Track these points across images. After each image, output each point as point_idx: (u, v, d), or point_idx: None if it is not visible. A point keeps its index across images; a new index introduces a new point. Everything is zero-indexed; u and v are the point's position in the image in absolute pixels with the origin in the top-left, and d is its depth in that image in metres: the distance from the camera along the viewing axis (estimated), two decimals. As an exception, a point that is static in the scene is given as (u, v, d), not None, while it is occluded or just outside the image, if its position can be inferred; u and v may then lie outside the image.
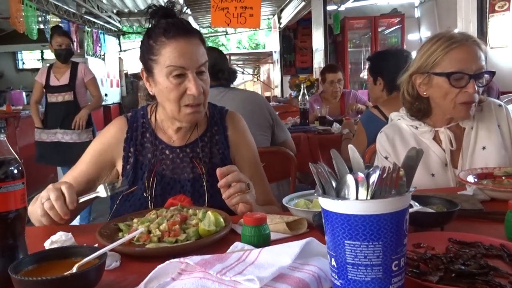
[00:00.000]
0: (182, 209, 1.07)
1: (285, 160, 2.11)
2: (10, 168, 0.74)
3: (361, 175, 0.59)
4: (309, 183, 2.90)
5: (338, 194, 0.60)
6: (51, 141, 3.81)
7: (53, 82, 3.84)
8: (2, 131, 0.75)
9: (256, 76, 14.92)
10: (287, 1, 8.42)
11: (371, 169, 0.60)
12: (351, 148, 0.65)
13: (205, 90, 1.21)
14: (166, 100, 1.21)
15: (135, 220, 1.01)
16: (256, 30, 11.44)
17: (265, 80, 13.40)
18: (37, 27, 5.50)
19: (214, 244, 0.91)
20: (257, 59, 14.54)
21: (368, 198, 0.58)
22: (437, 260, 0.75)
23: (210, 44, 20.48)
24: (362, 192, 0.58)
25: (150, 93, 1.26)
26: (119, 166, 1.30)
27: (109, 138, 1.31)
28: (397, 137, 1.48)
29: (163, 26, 1.18)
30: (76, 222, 3.44)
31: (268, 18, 10.90)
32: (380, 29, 7.69)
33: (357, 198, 0.58)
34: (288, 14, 8.81)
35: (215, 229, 0.95)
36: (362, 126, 2.30)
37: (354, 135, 2.66)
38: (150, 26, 1.23)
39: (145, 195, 1.23)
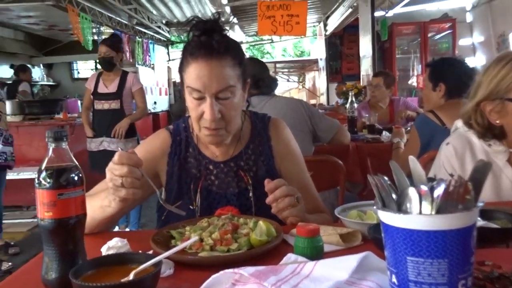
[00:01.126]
0: (233, 218, 1.07)
1: (333, 169, 2.07)
2: (71, 175, 0.77)
3: (424, 188, 0.56)
4: (358, 193, 2.85)
5: (400, 207, 0.57)
6: (98, 150, 3.88)
7: (102, 89, 3.88)
8: (65, 139, 0.78)
9: (301, 84, 14.87)
10: (333, 8, 8.35)
11: (435, 182, 0.57)
12: (411, 159, 0.63)
13: (225, 115, 1.15)
14: (191, 116, 1.21)
15: (187, 228, 1.02)
16: (301, 37, 11.41)
17: (311, 88, 13.33)
18: (92, 38, 5.76)
19: (266, 254, 0.90)
20: (302, 66, 14.50)
21: (433, 212, 0.55)
22: (505, 280, 0.70)
23: (255, 52, 20.74)
24: (426, 207, 0.55)
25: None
26: (163, 179, 1.29)
27: (154, 149, 1.30)
28: (468, 153, 1.33)
29: (192, 44, 1.15)
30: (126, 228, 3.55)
31: (314, 26, 10.85)
32: (430, 35, 7.46)
33: (420, 213, 0.55)
34: (334, 21, 8.73)
35: (266, 239, 0.94)
36: (415, 130, 2.25)
37: (405, 143, 2.59)
38: (187, 39, 1.20)
39: (191, 207, 1.23)
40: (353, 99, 3.41)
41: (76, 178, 0.77)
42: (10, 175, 4.43)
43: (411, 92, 7.46)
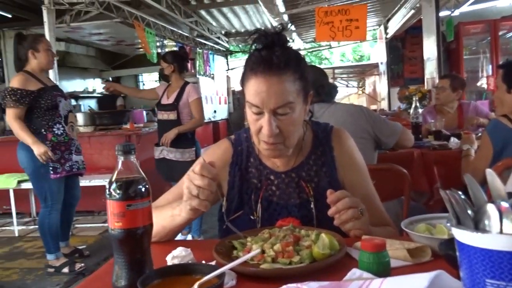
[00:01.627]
0: (294, 229, 1.06)
1: (397, 178, 1.99)
2: (139, 187, 0.80)
3: (505, 204, 0.52)
4: (423, 203, 2.72)
5: (477, 225, 0.53)
6: (159, 158, 4.02)
7: (164, 100, 4.02)
8: (133, 152, 0.81)
9: (361, 89, 14.56)
10: (394, 10, 8.11)
11: (516, 198, 0.53)
12: (489, 172, 0.58)
13: (283, 130, 1.13)
14: (251, 129, 1.20)
15: (248, 239, 1.03)
16: (361, 42, 11.18)
17: (371, 93, 13.00)
18: (156, 51, 6.01)
19: (329, 268, 0.88)
20: (362, 71, 14.19)
21: (516, 232, 0.50)
22: None
23: (312, 58, 20.62)
24: (508, 225, 0.51)
25: None
26: (224, 189, 1.30)
27: (216, 160, 1.28)
28: None
29: (253, 58, 1.14)
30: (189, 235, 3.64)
31: (374, 29, 10.60)
32: (500, 33, 7.02)
33: (501, 232, 0.51)
34: (395, 24, 8.47)
35: (329, 253, 0.91)
36: (487, 136, 2.11)
37: (476, 150, 2.43)
38: (249, 52, 1.19)
39: (252, 218, 1.23)
40: (417, 104, 3.27)
41: (143, 189, 0.80)
42: (83, 182, 4.70)
43: (480, 94, 7.04)
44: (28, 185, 4.75)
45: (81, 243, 4.27)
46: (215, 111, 8.68)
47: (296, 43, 9.77)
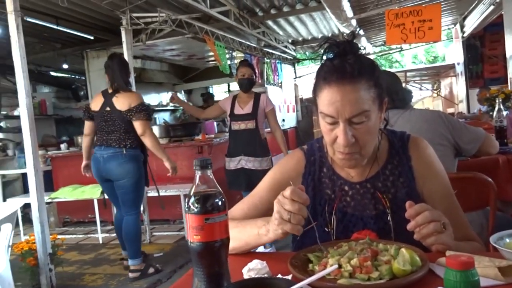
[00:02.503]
0: (372, 243, 1.02)
1: (481, 187, 1.86)
2: (216, 201, 0.82)
3: None
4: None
5: None
6: (235, 168, 4.10)
7: (238, 110, 4.09)
8: (209, 167, 0.83)
9: (436, 92, 13.86)
10: (471, 7, 7.66)
11: None
12: None
13: (359, 139, 1.11)
14: (325, 140, 1.18)
15: (329, 251, 1.01)
16: (434, 42, 10.70)
17: (447, 95, 12.33)
18: (228, 63, 6.19)
19: (411, 286, 0.84)
20: (436, 73, 13.52)
21: None
22: None
23: (382, 62, 20.01)
24: None
25: None
26: None
27: (289, 169, 1.31)
28: None
29: (325, 68, 1.13)
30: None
31: (449, 28, 10.07)
32: None
33: None
34: (473, 21, 7.99)
35: (411, 269, 0.87)
36: None
37: None
38: (321, 62, 1.17)
39: (326, 230, 1.20)
40: (501, 105, 3.05)
41: (220, 203, 0.82)
42: (160, 192, 4.93)
43: None
44: (110, 195, 5.07)
45: (158, 251, 4.46)
46: (283, 120, 8.71)
47: (365, 47, 9.55)
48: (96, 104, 3.64)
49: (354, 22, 6.64)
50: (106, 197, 4.14)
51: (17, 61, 3.29)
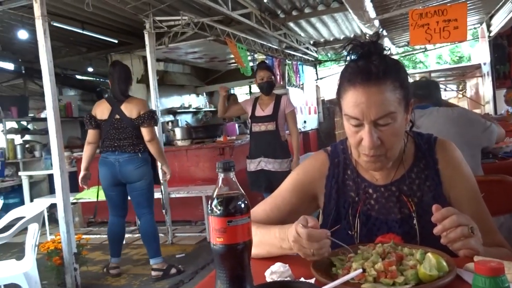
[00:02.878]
0: (397, 247, 1.01)
1: (509, 190, 1.81)
2: (239, 203, 0.81)
3: None
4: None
5: None
6: (256, 170, 4.12)
7: (258, 112, 4.12)
8: (232, 169, 0.83)
9: (461, 92, 13.57)
10: (498, 6, 7.47)
11: None
12: None
13: (384, 141, 1.09)
14: (350, 142, 1.16)
15: (350, 255, 1.00)
16: (460, 42, 10.47)
17: (473, 96, 12.05)
18: (250, 65, 6.21)
19: (438, 292, 0.82)
20: (462, 73, 13.22)
21: None
22: None
23: (406, 62, 19.70)
24: None
25: None
26: (321, 202, 1.28)
27: (312, 171, 1.29)
28: None
29: (349, 69, 1.11)
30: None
31: (475, 28, 9.84)
32: None
33: None
34: (500, 20, 7.78)
35: (437, 274, 0.85)
36: None
37: None
38: (345, 63, 1.16)
39: (350, 233, 1.19)
40: (530, 107, 2.96)
41: (243, 206, 0.81)
42: (181, 194, 4.98)
43: None
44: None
45: (180, 251, 4.49)
46: (305, 121, 8.67)
47: (388, 47, 9.42)
48: (102, 112, 3.70)
49: (377, 22, 6.56)
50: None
51: (44, 64, 3.37)
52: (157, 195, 4.87)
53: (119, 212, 3.85)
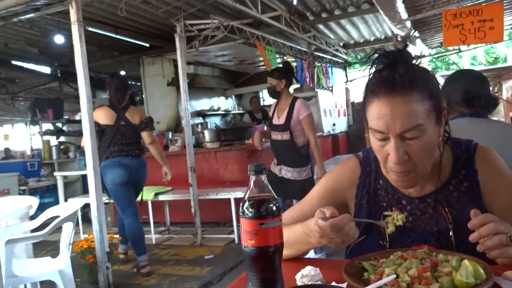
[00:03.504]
0: (431, 253, 0.98)
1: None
2: (270, 206, 0.82)
3: None
4: None
5: None
6: (276, 175, 3.93)
7: (275, 120, 4.00)
8: (264, 172, 0.83)
9: (497, 94, 13.15)
10: (536, 5, 7.19)
11: None
12: None
13: (413, 156, 1.02)
14: (378, 157, 1.11)
15: (381, 261, 0.98)
16: (496, 43, 10.14)
17: (509, 98, 11.65)
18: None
19: (475, 300, 0.79)
20: (497, 75, 12.79)
21: None
22: None
23: (438, 64, 19.24)
24: None
25: None
26: (351, 210, 1.24)
27: (342, 179, 1.25)
28: None
29: (373, 80, 1.06)
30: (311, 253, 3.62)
31: (511, 28, 9.53)
32: None
33: None
34: (538, 20, 7.50)
35: (474, 282, 0.82)
36: None
37: None
38: (370, 74, 1.10)
39: (381, 243, 1.15)
40: None
41: (274, 208, 0.81)
42: (210, 195, 5.02)
43: None
44: (164, 197, 5.23)
45: (209, 253, 4.53)
46: (334, 124, 8.59)
47: (420, 49, 9.23)
48: (106, 118, 3.97)
49: (408, 23, 6.44)
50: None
51: (79, 68, 3.47)
52: (186, 196, 4.96)
53: (133, 210, 4.06)
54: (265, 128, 6.53)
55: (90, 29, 5.48)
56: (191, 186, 4.85)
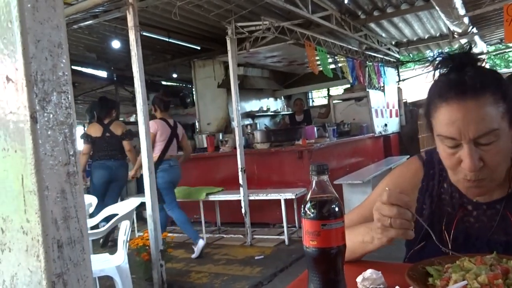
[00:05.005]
0: (501, 260, 0.93)
1: None
2: (332, 207, 0.80)
3: None
4: None
5: None
6: None
7: None
8: (326, 172, 0.82)
9: None
10: None
11: None
12: None
13: (488, 162, 0.97)
14: (445, 164, 1.05)
15: (446, 266, 0.94)
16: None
17: None
18: (330, 67, 6.17)
19: (554, 311, 0.74)
20: None
21: None
22: None
23: (497, 62, 18.22)
24: None
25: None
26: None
27: (404, 182, 1.20)
28: None
29: (440, 84, 1.01)
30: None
31: None
32: None
33: None
34: None
35: (552, 291, 0.77)
36: None
37: None
38: (433, 78, 1.05)
39: (444, 251, 1.08)
40: None
41: (337, 209, 0.80)
42: (260, 196, 5.04)
43: None
44: (214, 197, 5.31)
45: (259, 253, 4.55)
46: (385, 125, 8.36)
47: (478, 46, 8.80)
48: (96, 131, 5.13)
49: (466, 20, 6.16)
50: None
51: (135, 72, 3.60)
52: (236, 197, 5.01)
53: (104, 202, 4.74)
54: (315, 129, 6.47)
55: (144, 33, 5.67)
56: (242, 187, 4.89)
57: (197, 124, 8.07)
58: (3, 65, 0.39)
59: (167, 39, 6.56)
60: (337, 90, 11.29)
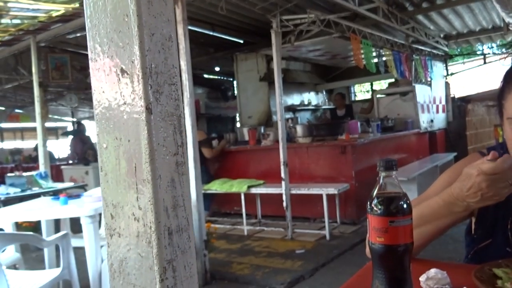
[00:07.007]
0: None
1: None
2: (401, 203, 0.79)
3: None
4: None
5: None
6: None
7: None
8: (394, 168, 0.80)
9: None
10: None
11: None
12: None
13: None
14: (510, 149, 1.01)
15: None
16: None
17: None
18: (374, 61, 6.03)
19: None
20: None
21: None
22: None
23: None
24: None
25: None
26: (474, 212, 1.15)
27: None
28: None
29: None
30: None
31: None
32: None
33: None
34: None
35: None
36: None
37: None
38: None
39: (509, 250, 1.05)
40: None
41: (405, 206, 0.78)
42: (302, 190, 5.02)
43: None
44: (256, 190, 5.34)
45: (300, 247, 4.54)
46: (431, 120, 8.10)
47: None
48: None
49: (522, 10, 5.83)
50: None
51: (183, 65, 3.67)
52: (277, 190, 5.02)
53: None
54: (359, 125, 6.36)
55: (190, 27, 5.75)
56: (284, 181, 4.89)
57: (238, 117, 8.12)
58: (118, 57, 0.41)
59: (211, 33, 6.62)
60: (380, 84, 11.04)
